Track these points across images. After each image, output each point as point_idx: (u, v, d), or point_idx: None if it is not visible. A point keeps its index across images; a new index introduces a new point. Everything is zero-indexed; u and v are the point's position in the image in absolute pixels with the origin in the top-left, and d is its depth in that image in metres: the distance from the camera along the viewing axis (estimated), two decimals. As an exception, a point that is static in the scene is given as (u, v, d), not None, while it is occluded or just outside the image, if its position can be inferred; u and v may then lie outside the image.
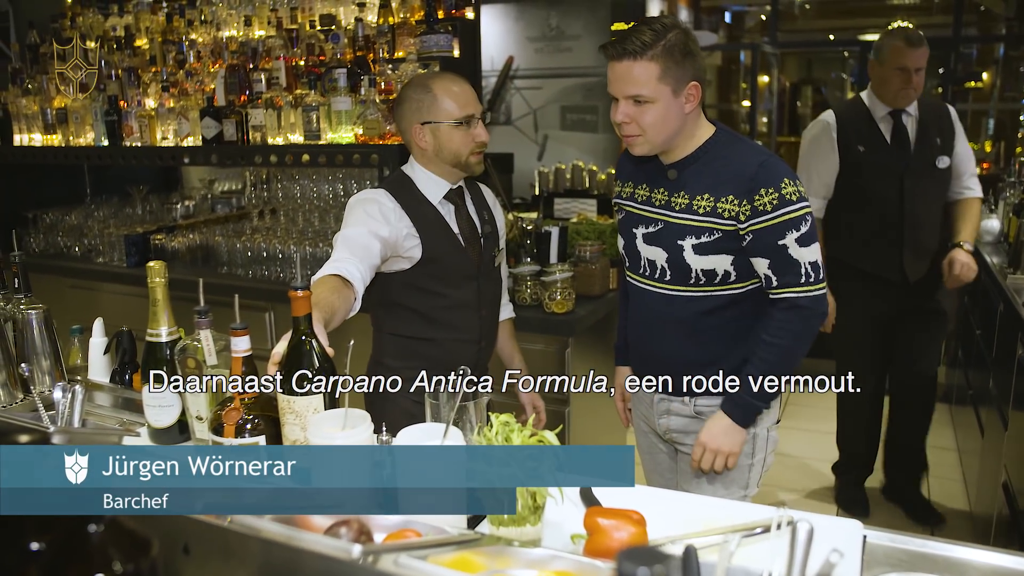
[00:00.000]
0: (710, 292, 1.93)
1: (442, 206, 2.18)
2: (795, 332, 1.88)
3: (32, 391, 2.01)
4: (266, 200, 4.18)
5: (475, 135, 2.13)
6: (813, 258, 1.85)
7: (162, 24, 4.24)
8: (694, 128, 1.91)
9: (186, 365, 1.65)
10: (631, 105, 1.83)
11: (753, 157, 1.86)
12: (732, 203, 1.84)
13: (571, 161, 5.50)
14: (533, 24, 8.38)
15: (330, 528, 1.10)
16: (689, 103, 1.84)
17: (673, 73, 1.79)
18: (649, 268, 1.99)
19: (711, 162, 1.90)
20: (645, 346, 2.09)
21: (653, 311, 2.01)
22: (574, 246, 3.40)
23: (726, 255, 1.88)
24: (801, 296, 1.86)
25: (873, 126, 3.22)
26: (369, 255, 1.95)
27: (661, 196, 1.96)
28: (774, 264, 1.85)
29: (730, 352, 1.96)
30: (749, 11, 9.63)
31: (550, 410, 3.07)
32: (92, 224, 4.36)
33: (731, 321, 1.95)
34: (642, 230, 1.99)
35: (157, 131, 3.83)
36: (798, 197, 1.82)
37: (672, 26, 1.81)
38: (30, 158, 4.28)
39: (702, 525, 1.31)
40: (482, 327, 2.27)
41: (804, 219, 1.83)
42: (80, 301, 4.04)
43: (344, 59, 3.41)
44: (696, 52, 1.83)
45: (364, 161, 3.21)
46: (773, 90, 8.95)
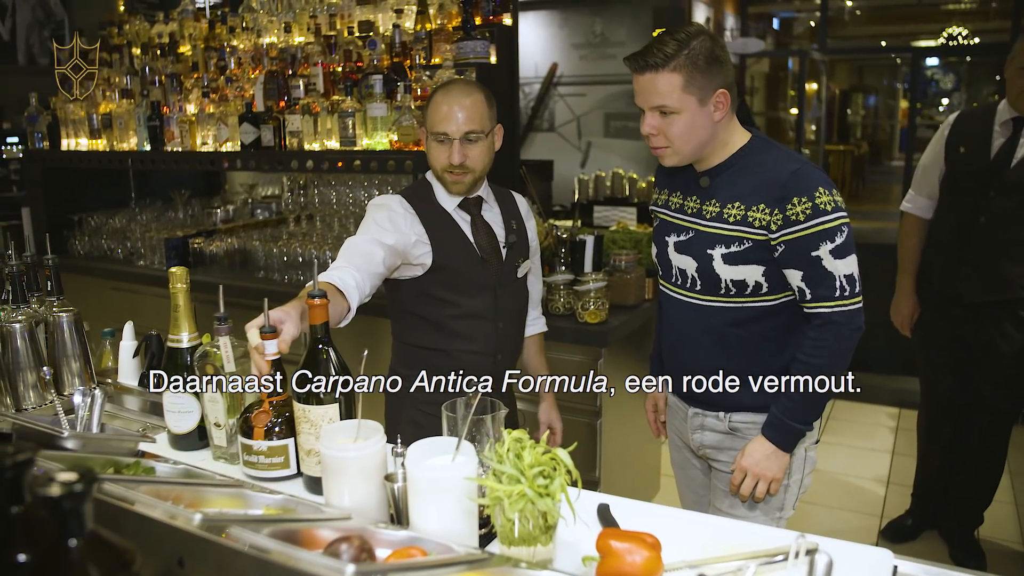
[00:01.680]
0: (741, 303, 1.87)
1: (457, 214, 2.14)
2: (831, 349, 1.81)
3: (63, 393, 2.03)
4: (303, 205, 4.21)
5: (449, 154, 2.04)
6: (849, 271, 1.78)
7: (205, 31, 4.30)
8: (727, 136, 1.87)
9: (204, 372, 1.64)
10: (657, 117, 1.80)
11: (786, 164, 1.80)
12: (763, 212, 1.78)
13: (612, 169, 5.45)
14: (577, 31, 8.34)
15: (331, 544, 1.08)
16: (718, 111, 1.80)
17: (698, 82, 1.75)
18: (680, 277, 1.95)
19: (744, 170, 1.85)
20: (677, 356, 2.04)
21: (684, 320, 1.97)
22: (609, 255, 3.34)
23: (757, 265, 1.83)
24: (836, 311, 1.79)
25: (986, 131, 2.96)
26: (369, 263, 1.92)
27: (693, 204, 1.92)
28: (808, 276, 1.79)
29: (762, 365, 1.91)
30: (798, 17, 9.47)
31: (581, 421, 3.03)
32: (135, 227, 4.43)
33: (764, 334, 1.90)
34: (674, 238, 1.95)
35: (197, 136, 3.88)
36: (833, 207, 1.75)
37: (696, 34, 1.77)
38: (76, 162, 4.37)
39: (720, 549, 1.26)
40: (499, 340, 2.19)
41: (840, 230, 1.76)
42: (120, 303, 4.10)
43: (381, 65, 3.41)
44: (723, 59, 1.79)
45: (398, 167, 3.20)
46: (822, 97, 8.79)
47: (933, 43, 8.86)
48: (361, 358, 1.42)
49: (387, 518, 1.36)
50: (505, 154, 2.82)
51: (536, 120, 8.73)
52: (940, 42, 8.49)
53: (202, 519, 1.01)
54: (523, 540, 1.21)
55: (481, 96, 2.08)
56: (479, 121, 2.04)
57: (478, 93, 2.08)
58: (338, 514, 1.26)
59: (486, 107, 2.08)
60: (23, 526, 0.79)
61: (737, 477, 1.92)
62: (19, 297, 2.13)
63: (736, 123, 1.89)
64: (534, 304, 2.44)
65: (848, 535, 3.48)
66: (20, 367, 2.01)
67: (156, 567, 0.99)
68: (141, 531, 1.03)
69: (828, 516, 3.64)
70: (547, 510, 1.19)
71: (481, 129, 2.05)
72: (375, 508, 1.35)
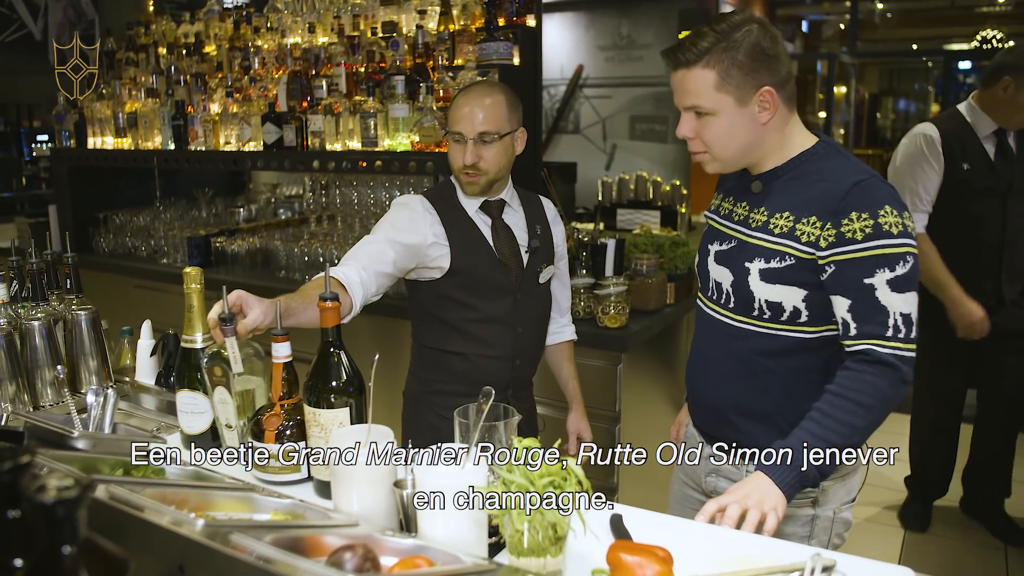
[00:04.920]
0: (775, 330, 1.64)
1: (477, 217, 2.12)
2: (873, 387, 1.50)
3: (81, 390, 2.03)
4: (324, 205, 4.21)
5: (462, 154, 2.02)
6: (908, 310, 1.51)
7: (230, 31, 4.32)
8: (783, 139, 1.66)
9: (213, 373, 1.63)
10: (693, 118, 1.63)
11: (850, 175, 1.57)
12: (814, 226, 1.57)
13: (637, 172, 5.41)
14: (604, 33, 8.31)
15: (335, 552, 1.06)
16: (765, 112, 1.60)
17: (735, 80, 1.56)
18: (716, 291, 1.75)
19: (801, 177, 1.64)
20: (699, 380, 1.83)
21: (711, 340, 1.77)
22: (631, 259, 3.31)
23: (798, 288, 1.60)
24: (886, 352, 1.51)
25: (977, 143, 3.10)
26: (379, 262, 1.93)
27: (742, 211, 1.73)
28: (855, 307, 1.53)
29: (791, 409, 1.63)
30: (827, 20, 9.36)
31: (600, 427, 3.00)
32: (159, 226, 4.46)
33: (797, 371, 1.65)
34: (716, 247, 1.76)
35: (220, 135, 3.89)
36: (900, 231, 1.51)
37: (740, 24, 1.57)
38: (102, 160, 4.40)
39: (735, 564, 1.22)
40: (517, 345, 2.16)
41: (904, 259, 1.50)
42: (143, 301, 4.12)
43: (404, 66, 3.40)
44: (774, 52, 1.58)
45: (420, 168, 3.19)
46: (851, 101, 8.68)
47: (966, 46, 8.73)
48: (372, 362, 1.40)
49: (396, 525, 1.34)
50: (528, 156, 2.80)
51: (561, 122, 8.71)
52: (973, 45, 8.36)
53: (205, 525, 0.99)
54: (532, 551, 1.18)
55: (502, 98, 2.05)
56: (495, 122, 2.02)
57: (500, 95, 2.05)
58: (345, 520, 1.25)
59: (506, 109, 2.04)
60: (20, 530, 0.78)
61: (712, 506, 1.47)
62: (38, 295, 2.14)
63: (798, 124, 1.68)
64: (562, 311, 2.40)
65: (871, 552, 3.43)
66: (38, 364, 2.01)
67: (156, 573, 0.98)
68: (143, 536, 1.01)
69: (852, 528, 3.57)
70: (556, 521, 1.16)
71: (496, 131, 2.02)
72: (384, 515, 1.33)
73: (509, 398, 2.15)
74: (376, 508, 1.32)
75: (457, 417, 1.47)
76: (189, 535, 0.98)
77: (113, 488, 1.13)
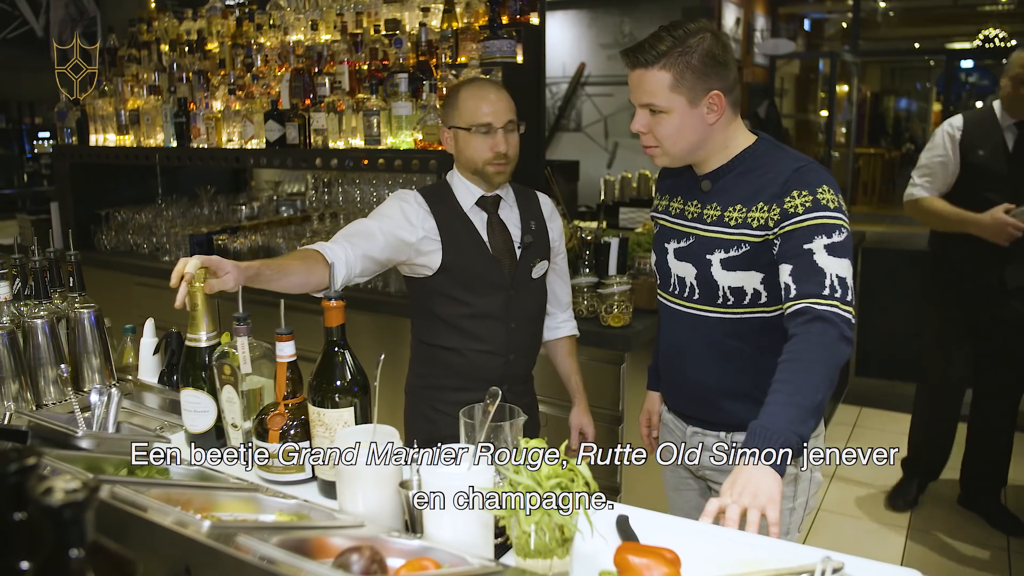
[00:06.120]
0: (740, 314, 1.78)
1: (473, 213, 2.13)
2: (819, 344, 1.55)
3: (83, 389, 2.03)
4: (327, 203, 4.20)
5: (493, 144, 2.06)
6: (844, 274, 1.61)
7: (232, 28, 4.31)
8: (727, 138, 1.79)
9: (222, 372, 1.63)
10: (647, 115, 1.75)
11: (790, 163, 1.72)
12: (762, 210, 1.70)
13: (639, 170, 5.41)
14: (606, 31, 8.29)
15: (341, 554, 1.05)
16: (712, 113, 1.73)
17: (688, 82, 1.69)
18: (679, 286, 1.87)
19: (747, 172, 1.78)
20: (676, 370, 1.95)
21: (682, 333, 1.89)
22: (634, 258, 3.30)
23: (755, 272, 1.74)
24: (825, 308, 1.57)
25: (998, 133, 3.30)
26: (367, 243, 1.97)
27: (694, 209, 1.85)
28: (796, 270, 1.63)
29: (765, 381, 1.63)
30: (829, 18, 9.34)
31: (602, 425, 2.99)
32: (161, 223, 4.44)
33: (763, 349, 1.75)
34: (673, 245, 1.88)
35: (223, 133, 3.88)
36: (836, 206, 1.66)
37: (696, 31, 1.70)
38: (103, 158, 4.39)
39: (743, 566, 1.22)
40: (510, 340, 2.17)
41: (839, 229, 1.64)
42: (145, 298, 4.12)
43: (407, 64, 3.39)
44: (723, 60, 1.71)
45: (423, 166, 3.18)
46: (853, 100, 8.67)
47: (968, 45, 8.71)
48: (378, 362, 1.39)
49: (402, 526, 1.34)
50: (530, 154, 2.79)
51: (563, 120, 8.69)
52: (976, 44, 8.34)
53: (211, 527, 0.99)
54: (539, 552, 1.18)
55: (505, 91, 2.14)
56: (514, 112, 2.11)
57: (502, 88, 2.16)
58: (351, 521, 1.24)
59: (512, 101, 2.14)
60: (27, 533, 0.78)
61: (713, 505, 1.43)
62: (41, 293, 2.13)
63: (740, 125, 1.80)
64: (562, 306, 2.41)
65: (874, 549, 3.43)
66: (41, 363, 2.01)
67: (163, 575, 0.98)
68: (148, 537, 1.01)
69: (854, 522, 3.59)
70: (563, 522, 1.16)
71: (516, 119, 2.11)
72: (389, 515, 1.32)
73: (505, 393, 2.15)
74: (382, 509, 1.32)
75: (463, 417, 1.46)
76: (195, 536, 0.98)
77: (118, 489, 1.12)
